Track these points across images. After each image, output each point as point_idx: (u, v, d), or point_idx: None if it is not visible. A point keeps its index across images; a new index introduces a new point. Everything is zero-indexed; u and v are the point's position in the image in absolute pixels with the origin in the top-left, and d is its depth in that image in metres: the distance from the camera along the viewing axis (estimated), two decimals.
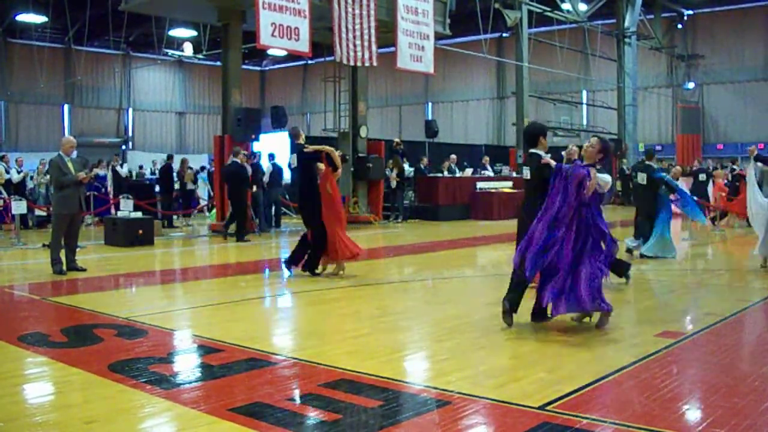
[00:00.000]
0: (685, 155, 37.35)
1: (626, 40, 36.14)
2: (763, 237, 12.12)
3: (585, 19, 34.46)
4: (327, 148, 11.90)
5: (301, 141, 12.28)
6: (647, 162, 14.43)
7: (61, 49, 41.59)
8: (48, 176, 20.96)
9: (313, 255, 11.80)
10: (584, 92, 41.88)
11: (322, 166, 11.66)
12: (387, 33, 21.50)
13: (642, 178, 14.04)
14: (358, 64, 20.91)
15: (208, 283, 12.27)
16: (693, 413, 5.14)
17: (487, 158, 29.85)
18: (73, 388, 5.81)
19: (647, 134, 40.41)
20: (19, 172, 22.16)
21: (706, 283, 11.67)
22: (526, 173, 8.24)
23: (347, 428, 4.87)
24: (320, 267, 11.93)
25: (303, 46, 19.10)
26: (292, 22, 18.57)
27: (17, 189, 21.35)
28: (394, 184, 23.73)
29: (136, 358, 6.57)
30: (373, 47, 20.77)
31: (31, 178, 22.91)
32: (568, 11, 33.66)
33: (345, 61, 20.57)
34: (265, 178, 20.99)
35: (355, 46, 20.32)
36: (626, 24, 36.00)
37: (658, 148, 38.34)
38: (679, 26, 40.21)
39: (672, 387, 5.64)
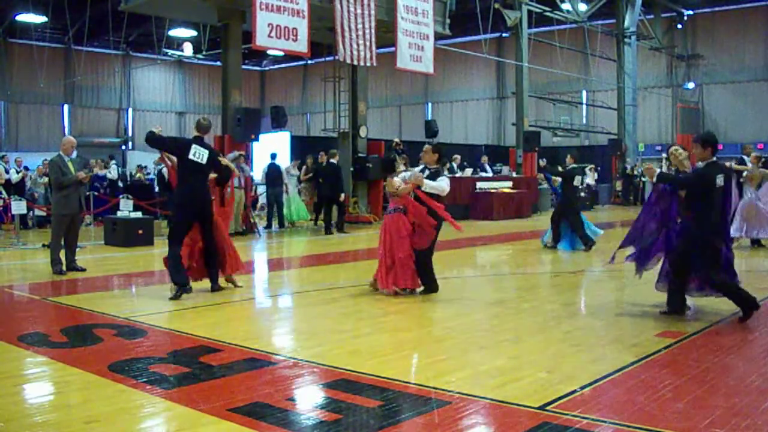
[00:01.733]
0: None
1: (626, 40, 36.14)
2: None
3: (585, 19, 34.44)
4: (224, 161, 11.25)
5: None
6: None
7: (61, 49, 41.63)
8: (45, 178, 21.06)
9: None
10: (584, 92, 41.90)
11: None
12: (387, 33, 21.49)
13: None
14: (361, 63, 20.90)
15: (207, 282, 12.26)
16: (693, 413, 5.13)
17: (485, 158, 29.85)
18: (73, 388, 5.81)
19: (647, 134, 40.44)
20: (18, 172, 22.17)
21: None
22: (720, 181, 8.04)
23: (347, 428, 4.87)
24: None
25: (301, 46, 19.09)
26: (291, 23, 18.55)
27: (17, 189, 21.37)
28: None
29: (135, 358, 6.57)
30: (374, 47, 20.78)
31: (30, 178, 22.89)
32: (567, 11, 33.65)
33: (348, 61, 20.55)
34: (260, 178, 21.03)
35: (358, 45, 20.31)
36: (626, 24, 35.99)
37: (658, 148, 38.56)
38: (679, 26, 40.19)
39: (672, 387, 5.64)
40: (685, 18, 40.04)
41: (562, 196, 16.01)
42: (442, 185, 10.20)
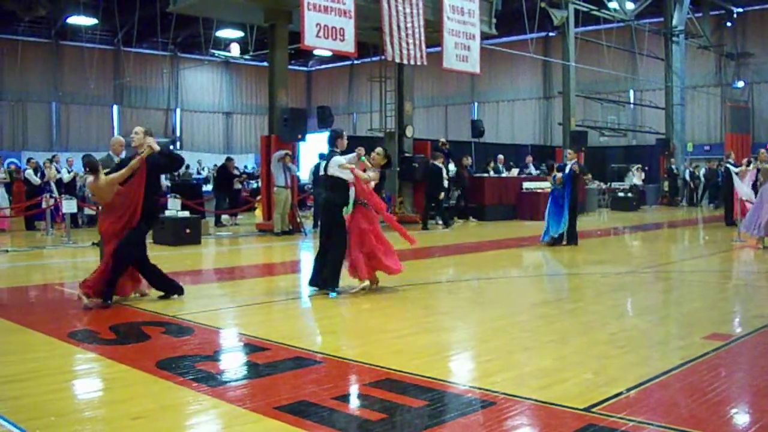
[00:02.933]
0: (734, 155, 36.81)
1: (674, 38, 35.67)
2: None
3: (632, 18, 34.09)
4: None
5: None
6: None
7: (110, 50, 42.15)
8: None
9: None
10: (631, 91, 41.46)
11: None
12: (433, 33, 21.47)
13: None
14: (410, 62, 20.89)
15: (253, 281, 12.35)
16: (741, 417, 5.06)
17: (530, 158, 29.66)
18: (121, 385, 5.88)
19: (696, 134, 39.90)
20: (69, 172, 22.51)
21: (754, 285, 11.50)
22: None
23: (392, 428, 4.86)
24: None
25: (348, 46, 19.14)
26: (338, 23, 18.61)
27: (68, 188, 21.69)
28: (446, 183, 23.64)
29: (182, 356, 6.63)
30: (423, 45, 20.77)
31: (80, 177, 23.19)
32: (615, 10, 33.34)
33: (397, 60, 20.54)
34: (307, 178, 21.13)
35: (407, 44, 20.31)
36: (674, 22, 35.52)
37: (706, 148, 38.06)
38: (728, 24, 39.54)
39: (720, 390, 5.56)
40: (735, 16, 39.37)
41: (572, 191, 16.06)
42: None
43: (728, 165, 20.86)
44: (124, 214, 9.16)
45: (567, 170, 15.99)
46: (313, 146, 24.14)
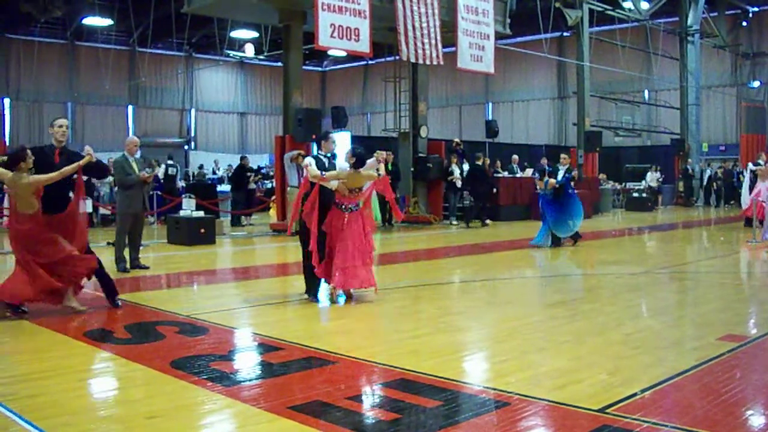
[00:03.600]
0: (749, 155, 36.48)
1: (689, 38, 35.51)
2: None
3: (647, 18, 33.96)
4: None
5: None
6: None
7: (125, 51, 42.27)
8: (110, 177, 21.44)
9: None
10: (646, 91, 41.29)
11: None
12: (447, 33, 21.45)
13: None
14: (426, 62, 20.89)
15: (267, 281, 12.38)
16: (757, 419, 5.04)
17: (544, 159, 29.57)
18: (136, 384, 5.91)
19: (711, 134, 39.68)
20: None
21: None
22: None
23: (406, 428, 4.86)
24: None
25: (363, 46, 19.15)
26: (352, 23, 18.62)
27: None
28: (459, 183, 23.63)
29: (197, 355, 6.64)
30: (439, 45, 20.76)
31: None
32: (629, 9, 33.22)
33: (413, 60, 20.54)
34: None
35: (423, 44, 20.31)
36: (689, 22, 35.35)
37: (722, 148, 37.88)
38: (744, 23, 39.30)
39: (735, 392, 5.54)
40: (750, 15, 39.16)
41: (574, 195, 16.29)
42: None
43: (752, 165, 20.68)
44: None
45: (561, 176, 15.84)
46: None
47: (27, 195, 8.30)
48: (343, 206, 9.62)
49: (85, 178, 9.52)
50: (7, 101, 39.33)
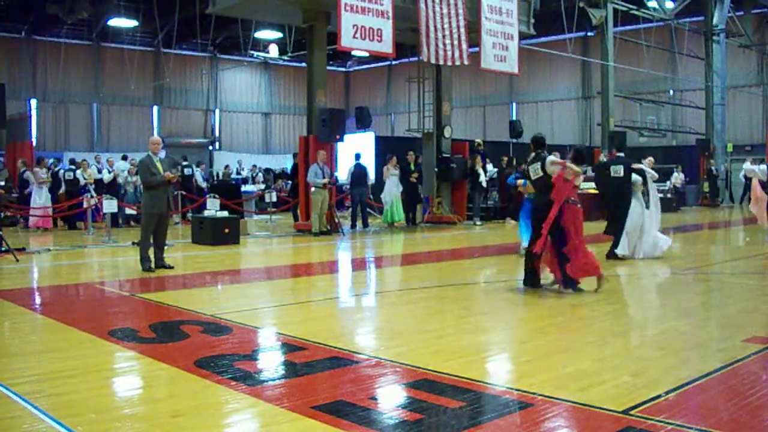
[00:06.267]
0: None
1: (715, 38, 35.24)
2: None
3: (672, 17, 33.77)
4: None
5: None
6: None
7: (150, 52, 42.50)
8: (134, 178, 21.65)
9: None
10: (671, 91, 41.01)
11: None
12: (471, 33, 21.41)
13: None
14: (447, 63, 20.89)
15: (291, 281, 12.41)
16: None
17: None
18: (161, 383, 5.94)
19: (737, 134, 39.31)
20: (110, 172, 22.80)
21: None
22: None
23: (429, 428, 4.86)
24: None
25: (386, 47, 19.17)
26: (375, 24, 18.64)
27: (109, 188, 21.97)
28: (485, 184, 23.60)
29: (221, 355, 6.67)
30: (464, 45, 20.74)
31: (121, 177, 23.44)
32: (654, 9, 33.05)
33: (432, 61, 20.55)
34: (345, 178, 21.05)
35: (444, 45, 20.30)
36: (715, 21, 35.09)
37: (748, 148, 37.52)
38: None
39: (761, 394, 5.48)
40: None
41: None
42: None
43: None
44: None
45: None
46: (351, 147, 24.18)
47: None
48: (572, 200, 10.03)
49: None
50: (34, 102, 39.59)
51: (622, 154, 14.71)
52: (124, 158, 25.45)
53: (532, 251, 10.09)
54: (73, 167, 22.49)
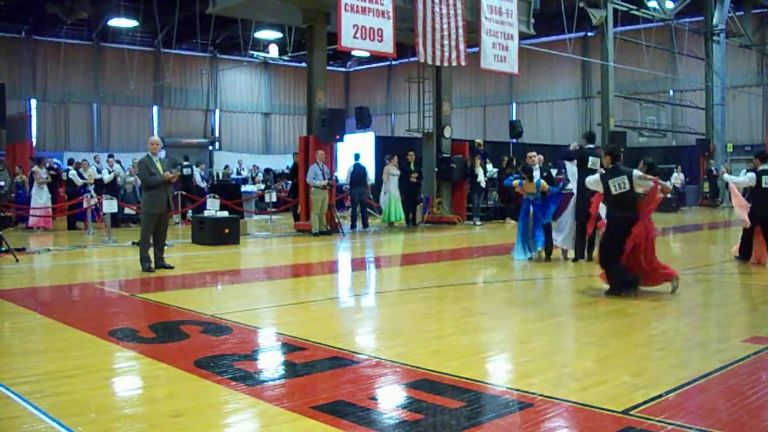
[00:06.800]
0: None
1: (715, 38, 35.21)
2: None
3: (672, 17, 33.76)
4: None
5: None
6: None
7: (150, 52, 42.52)
8: (133, 178, 21.66)
9: None
10: (671, 92, 40.99)
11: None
12: (471, 33, 21.41)
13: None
14: (444, 63, 20.89)
15: (291, 281, 12.41)
16: None
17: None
18: (160, 383, 5.94)
19: (737, 135, 39.29)
20: (110, 173, 22.79)
21: None
22: None
23: (429, 428, 4.86)
24: None
25: (387, 47, 19.16)
26: (375, 24, 18.64)
27: (109, 188, 21.97)
28: (484, 184, 23.61)
29: (221, 355, 6.67)
30: (461, 46, 20.73)
31: (121, 177, 23.44)
32: (654, 9, 33.05)
33: (429, 62, 20.56)
34: (345, 178, 21.06)
35: (442, 46, 20.30)
36: (715, 21, 35.07)
37: (748, 149, 37.52)
38: None
39: (761, 394, 5.49)
40: None
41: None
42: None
43: None
44: None
45: (537, 176, 14.28)
46: (351, 147, 24.17)
47: None
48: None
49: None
50: (33, 102, 39.60)
51: (592, 146, 14.21)
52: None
53: (613, 262, 9.83)
54: (69, 167, 22.52)
